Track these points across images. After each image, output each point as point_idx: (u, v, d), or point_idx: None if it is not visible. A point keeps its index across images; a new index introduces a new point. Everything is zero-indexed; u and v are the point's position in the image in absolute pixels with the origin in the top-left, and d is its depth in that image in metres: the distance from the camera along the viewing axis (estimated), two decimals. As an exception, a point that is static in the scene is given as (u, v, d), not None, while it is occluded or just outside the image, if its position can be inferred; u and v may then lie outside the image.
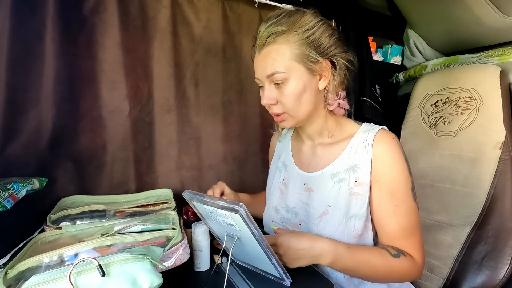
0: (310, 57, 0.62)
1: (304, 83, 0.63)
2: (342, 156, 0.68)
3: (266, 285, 0.58)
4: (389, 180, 0.63)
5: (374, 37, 1.45)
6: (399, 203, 0.62)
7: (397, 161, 0.63)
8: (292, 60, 0.62)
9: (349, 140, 0.68)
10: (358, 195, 0.64)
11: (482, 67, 1.11)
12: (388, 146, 0.64)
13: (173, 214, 0.72)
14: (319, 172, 0.70)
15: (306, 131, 0.74)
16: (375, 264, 0.60)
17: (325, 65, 0.64)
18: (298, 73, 0.62)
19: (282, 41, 0.62)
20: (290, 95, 0.63)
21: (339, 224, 0.65)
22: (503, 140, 0.98)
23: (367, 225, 0.65)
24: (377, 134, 0.65)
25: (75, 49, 0.81)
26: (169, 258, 0.54)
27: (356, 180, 0.65)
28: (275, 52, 0.62)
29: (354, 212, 0.64)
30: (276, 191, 0.80)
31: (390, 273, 0.61)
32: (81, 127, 0.84)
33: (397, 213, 0.62)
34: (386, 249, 0.61)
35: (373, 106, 1.27)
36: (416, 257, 0.63)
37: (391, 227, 0.63)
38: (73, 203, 0.80)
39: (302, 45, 0.61)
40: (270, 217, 0.80)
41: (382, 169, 0.63)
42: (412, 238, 0.63)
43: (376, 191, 0.64)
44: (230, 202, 0.49)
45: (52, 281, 0.39)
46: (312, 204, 0.70)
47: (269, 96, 0.65)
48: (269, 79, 0.64)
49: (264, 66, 0.64)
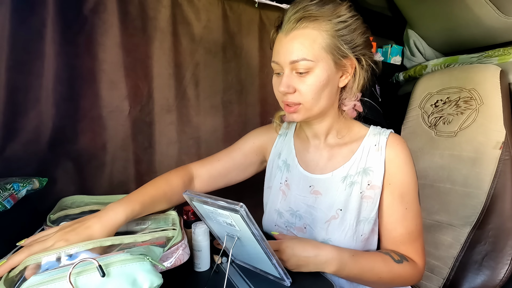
0: (341, 50, 0.59)
1: (328, 76, 0.60)
2: (354, 159, 0.66)
3: (266, 285, 0.58)
4: (401, 183, 0.63)
5: (374, 37, 1.45)
6: (409, 207, 0.62)
7: (409, 164, 0.64)
8: (322, 49, 0.58)
9: (359, 142, 0.67)
10: (369, 198, 0.64)
11: (482, 67, 1.11)
12: (400, 149, 0.64)
13: (173, 214, 0.72)
14: (328, 174, 0.68)
15: (313, 129, 0.70)
16: (379, 271, 0.59)
17: (351, 62, 0.61)
18: (325, 64, 0.59)
19: (314, 27, 0.57)
20: (312, 86, 0.59)
21: (350, 228, 0.64)
22: (503, 140, 0.98)
23: (374, 229, 0.65)
24: (390, 137, 0.65)
25: (75, 49, 0.81)
26: (168, 258, 0.54)
27: (368, 183, 0.64)
28: (305, 37, 0.58)
29: (364, 216, 0.64)
30: (278, 193, 0.76)
31: (393, 279, 0.61)
32: (81, 127, 0.84)
33: (406, 217, 0.63)
34: (389, 255, 0.61)
35: (373, 106, 1.27)
36: (418, 262, 0.63)
37: (399, 231, 0.63)
38: (73, 203, 0.80)
39: (334, 36, 0.58)
40: (273, 221, 0.76)
41: (395, 172, 0.63)
42: (416, 243, 0.64)
43: (388, 194, 0.63)
44: (230, 202, 0.49)
45: (52, 281, 0.39)
46: (319, 208, 0.68)
47: (288, 83, 0.60)
48: (292, 65, 0.59)
49: (290, 50, 0.58)
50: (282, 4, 1.14)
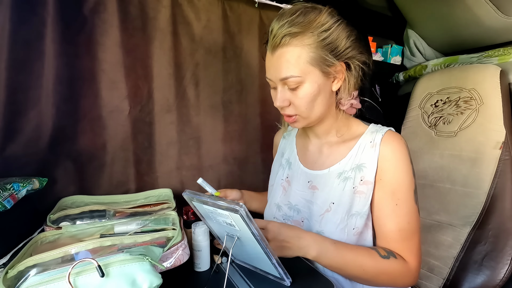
0: (326, 60, 0.60)
1: (318, 86, 0.62)
2: (350, 156, 0.68)
3: (266, 285, 0.58)
4: (393, 179, 0.63)
5: (374, 37, 1.45)
6: (400, 203, 0.62)
7: (403, 161, 0.63)
8: (307, 63, 0.60)
9: (357, 140, 0.68)
10: (362, 193, 0.64)
11: (482, 67, 1.11)
12: (395, 146, 0.64)
13: (173, 214, 0.72)
14: (325, 170, 0.70)
15: (314, 130, 0.74)
16: (363, 263, 0.60)
17: (340, 68, 0.63)
18: (313, 77, 0.61)
19: (297, 43, 0.59)
20: (304, 99, 0.62)
21: (341, 221, 0.65)
22: (503, 140, 0.98)
23: (368, 223, 0.65)
24: (385, 135, 0.65)
25: (75, 49, 0.81)
26: (168, 259, 0.54)
27: (361, 179, 0.65)
28: (289, 55, 0.60)
29: (356, 210, 0.65)
30: (279, 188, 0.80)
31: (378, 274, 0.60)
32: (81, 127, 0.84)
33: (396, 213, 0.62)
34: (375, 250, 0.61)
35: (373, 106, 1.27)
36: (411, 262, 0.61)
37: (388, 227, 0.63)
38: (73, 203, 0.80)
39: (318, 48, 0.59)
40: (272, 214, 0.80)
41: (387, 168, 0.63)
42: (410, 242, 0.62)
43: (379, 189, 0.64)
44: (230, 202, 0.49)
45: (52, 281, 0.39)
46: (316, 202, 0.70)
47: (282, 98, 0.64)
48: (282, 82, 0.62)
49: (278, 68, 0.62)
50: (282, 4, 1.14)
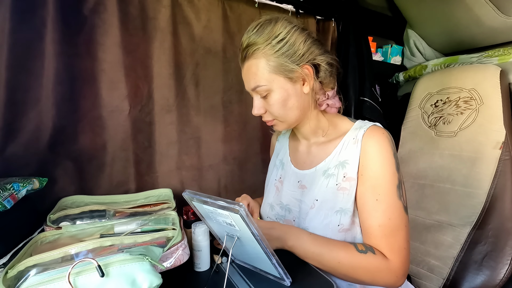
0: (287, 67, 0.63)
1: (286, 91, 0.65)
2: (334, 153, 0.69)
3: (266, 285, 0.58)
4: (373, 174, 0.62)
5: (374, 37, 1.45)
6: (380, 199, 0.61)
7: (383, 155, 0.62)
8: (270, 72, 0.64)
9: (342, 137, 0.70)
10: (345, 190, 0.65)
11: (482, 67, 1.11)
12: (376, 140, 0.64)
13: (173, 214, 0.72)
14: (312, 169, 0.72)
15: (301, 131, 0.76)
16: (338, 256, 0.60)
17: (305, 71, 0.65)
18: (279, 83, 0.64)
19: (259, 55, 0.64)
20: (276, 105, 0.66)
21: (325, 218, 0.66)
22: (503, 140, 0.98)
23: (355, 220, 0.65)
24: (367, 130, 0.66)
25: (75, 49, 0.81)
26: (168, 259, 0.54)
27: (344, 175, 0.65)
28: (254, 67, 0.64)
29: (340, 207, 0.65)
30: (273, 188, 0.82)
31: (354, 268, 0.59)
32: (81, 127, 0.84)
33: (376, 208, 0.61)
34: (354, 244, 0.61)
35: (373, 106, 1.27)
36: (393, 260, 0.59)
37: (369, 222, 0.62)
38: (73, 203, 0.80)
39: (277, 57, 0.63)
40: (265, 213, 0.83)
41: (368, 163, 0.63)
42: (391, 239, 0.60)
43: (360, 185, 0.64)
44: (230, 202, 0.49)
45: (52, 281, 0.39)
46: (304, 200, 0.72)
47: (258, 106, 0.68)
48: (254, 91, 0.67)
49: (247, 80, 0.67)
50: (282, 4, 1.14)
